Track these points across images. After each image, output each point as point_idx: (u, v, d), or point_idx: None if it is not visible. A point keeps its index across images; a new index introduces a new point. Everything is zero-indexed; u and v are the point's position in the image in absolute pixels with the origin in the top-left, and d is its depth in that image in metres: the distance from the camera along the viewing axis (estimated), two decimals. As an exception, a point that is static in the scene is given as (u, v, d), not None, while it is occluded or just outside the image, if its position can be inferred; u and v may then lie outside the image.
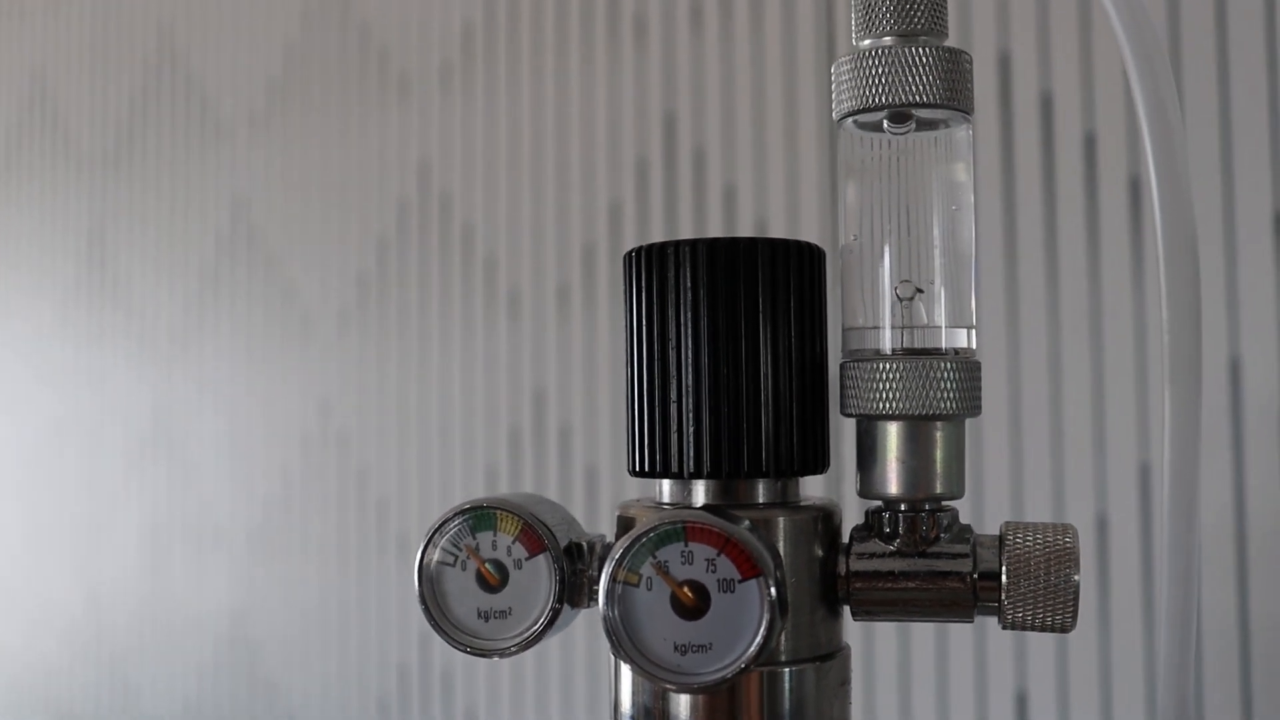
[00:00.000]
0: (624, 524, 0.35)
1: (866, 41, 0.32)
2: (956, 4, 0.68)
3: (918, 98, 0.31)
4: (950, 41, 0.68)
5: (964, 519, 0.67)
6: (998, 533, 0.33)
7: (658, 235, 0.78)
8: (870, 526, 0.34)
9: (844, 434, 0.36)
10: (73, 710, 1.10)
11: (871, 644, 0.68)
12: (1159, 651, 0.31)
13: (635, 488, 0.41)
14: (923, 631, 0.67)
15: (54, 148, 1.16)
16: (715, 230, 0.75)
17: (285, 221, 0.97)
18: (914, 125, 0.33)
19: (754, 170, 0.74)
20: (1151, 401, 0.62)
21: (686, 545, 0.30)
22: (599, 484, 0.79)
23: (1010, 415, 0.65)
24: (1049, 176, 0.65)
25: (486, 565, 0.34)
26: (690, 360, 0.32)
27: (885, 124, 0.33)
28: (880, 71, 0.31)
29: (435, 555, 0.34)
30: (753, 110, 0.75)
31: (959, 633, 0.66)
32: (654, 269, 0.33)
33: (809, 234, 0.73)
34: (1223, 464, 0.61)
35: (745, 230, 0.74)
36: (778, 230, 0.73)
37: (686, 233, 0.77)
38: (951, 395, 0.32)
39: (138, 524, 1.06)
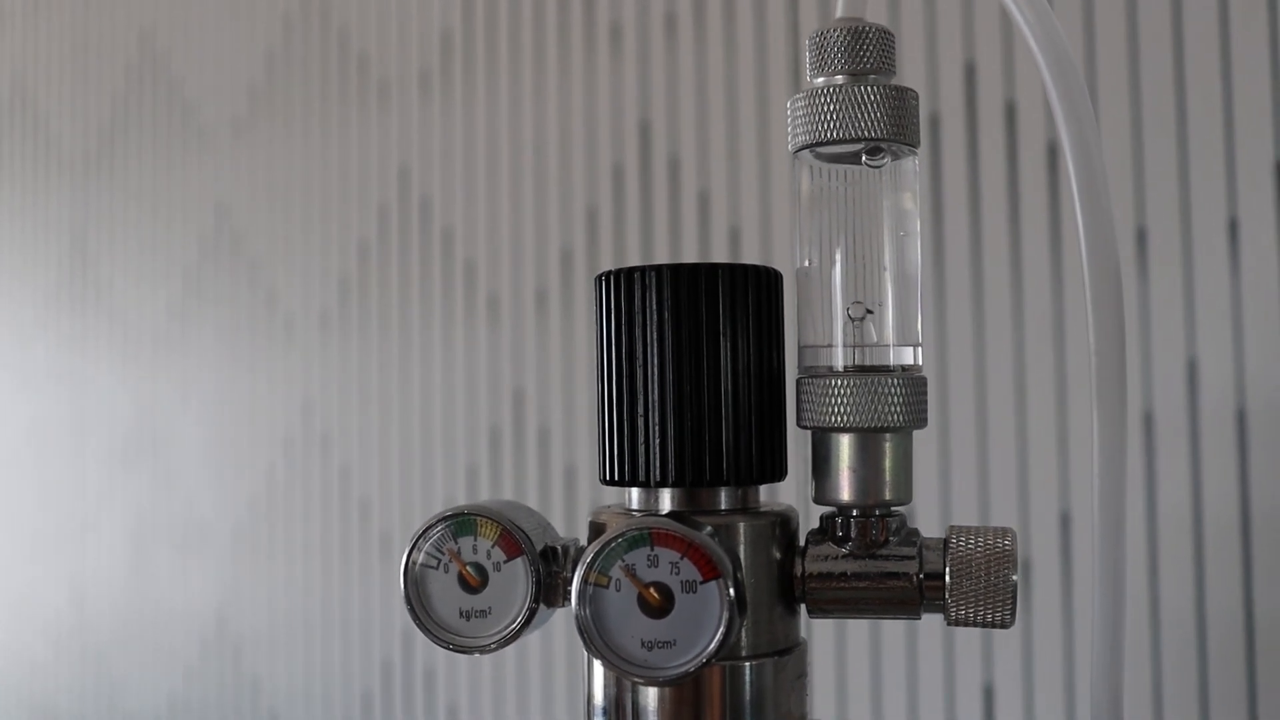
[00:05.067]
0: (595, 529, 0.37)
1: (820, 79, 0.35)
2: (923, 15, 0.70)
3: (867, 132, 0.33)
4: (917, 51, 0.70)
5: (933, 518, 0.69)
6: (943, 536, 0.35)
7: (634, 240, 0.79)
8: (824, 530, 0.37)
9: (803, 444, 0.38)
10: (56, 707, 1.11)
11: (843, 640, 0.70)
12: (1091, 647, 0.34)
13: (611, 488, 0.43)
14: (893, 626, 0.69)
15: (35, 151, 1.17)
16: (690, 236, 0.77)
17: (267, 225, 0.98)
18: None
19: (727, 177, 0.76)
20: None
21: (652, 550, 0.33)
22: (577, 484, 0.81)
23: (976, 419, 0.67)
24: (1013, 184, 0.67)
25: (467, 568, 0.36)
26: (656, 377, 0.35)
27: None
28: (832, 108, 0.33)
29: (419, 559, 0.36)
30: (726, 118, 0.77)
31: (928, 629, 0.68)
32: (623, 291, 0.35)
33: (780, 239, 0.74)
34: (1180, 464, 0.62)
35: (719, 236, 0.76)
36: (751, 236, 0.75)
37: (662, 238, 0.78)
38: (899, 409, 0.34)
39: (122, 524, 1.07)
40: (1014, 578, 0.33)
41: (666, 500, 0.36)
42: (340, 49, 0.94)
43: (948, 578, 0.34)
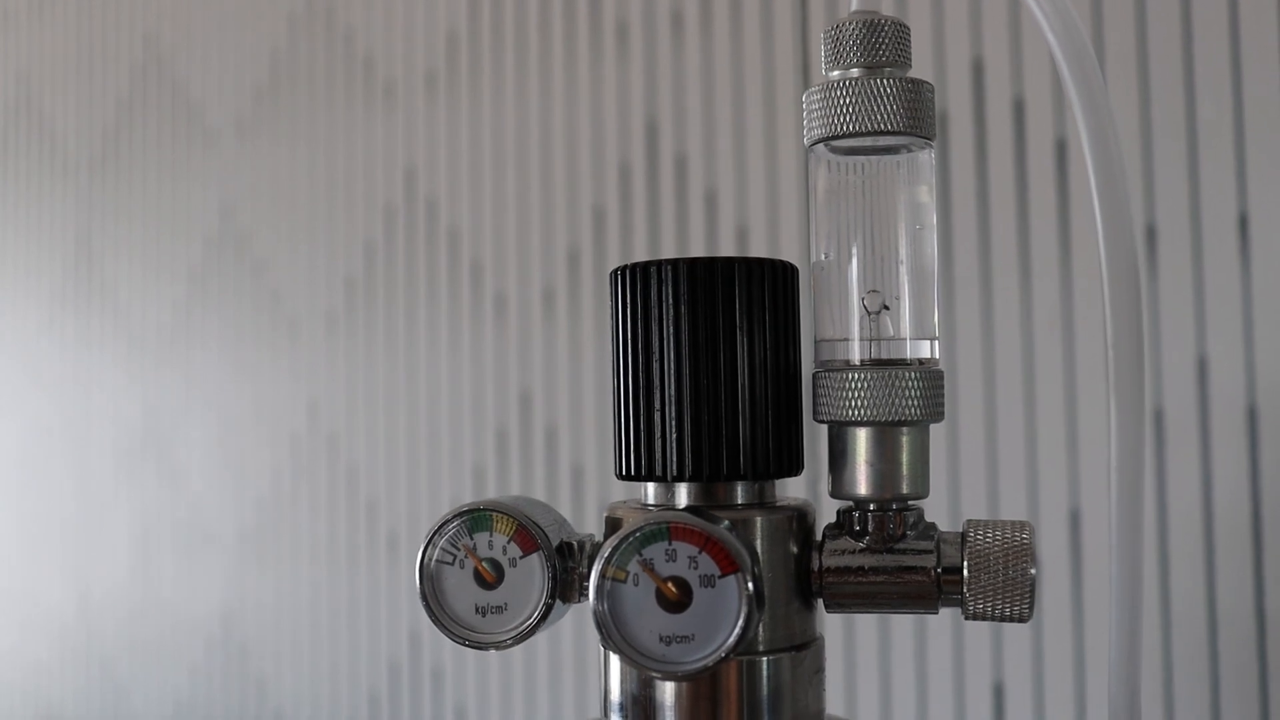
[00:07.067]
0: (612, 524, 0.37)
1: (835, 73, 0.35)
2: (931, 12, 0.70)
3: (883, 125, 0.33)
4: (925, 47, 0.70)
5: (942, 515, 0.69)
6: (961, 530, 0.35)
7: (641, 239, 0.79)
8: (841, 525, 0.37)
9: (820, 438, 0.38)
10: (63, 712, 1.11)
11: (853, 637, 0.70)
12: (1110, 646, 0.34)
13: (620, 487, 0.43)
14: (902, 624, 0.69)
15: (40, 153, 1.17)
16: (697, 235, 0.77)
17: (273, 225, 0.98)
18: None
19: (735, 176, 0.76)
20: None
21: (670, 544, 0.33)
22: (585, 483, 0.81)
23: (986, 415, 0.67)
24: (1021, 180, 0.67)
25: (483, 564, 0.36)
26: (673, 371, 0.35)
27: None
28: (848, 101, 0.33)
29: (435, 555, 0.36)
30: (733, 117, 0.77)
31: (937, 626, 0.68)
32: (638, 286, 0.35)
33: (788, 238, 0.74)
34: (1190, 461, 0.62)
35: (726, 234, 0.76)
36: (758, 234, 0.75)
37: (669, 237, 0.78)
38: (915, 403, 0.34)
39: (128, 525, 1.07)
40: (1032, 571, 0.33)
41: (683, 495, 0.36)
42: (346, 49, 0.94)
43: (966, 572, 0.34)
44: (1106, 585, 0.63)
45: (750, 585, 0.32)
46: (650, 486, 0.37)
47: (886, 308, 0.35)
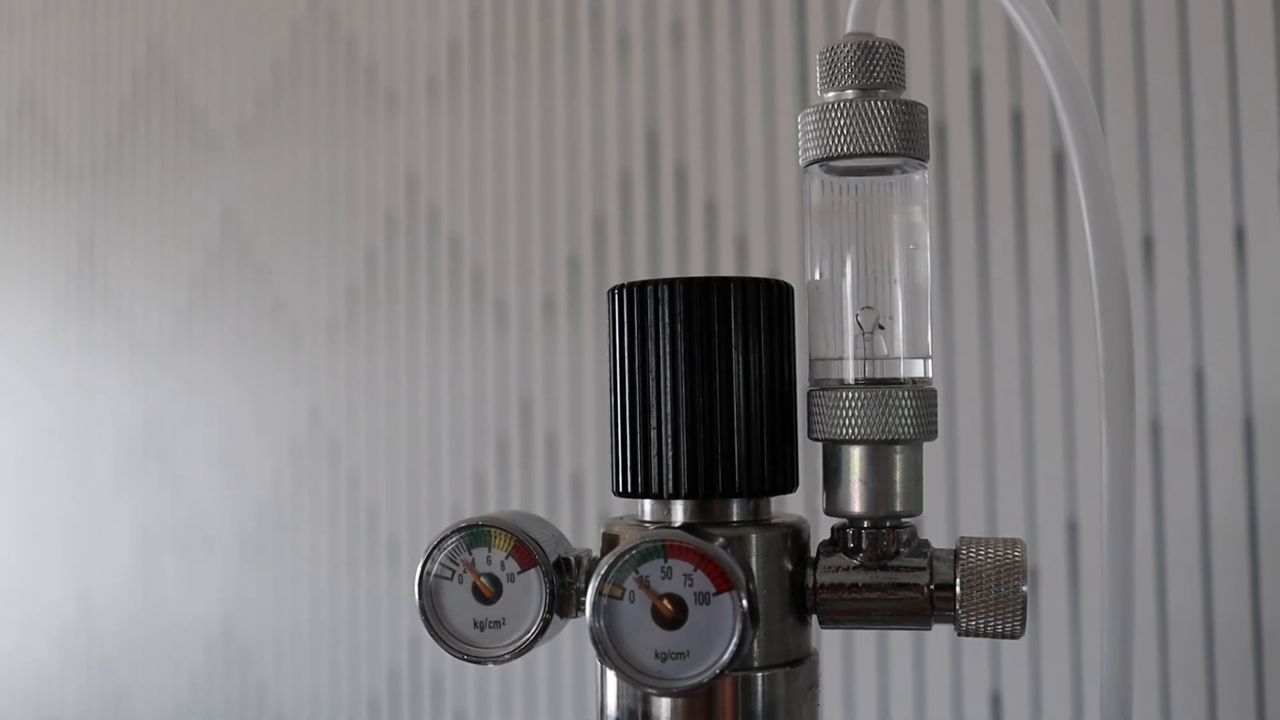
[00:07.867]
0: (609, 541, 0.37)
1: (830, 94, 0.35)
2: (929, 24, 0.70)
3: (877, 147, 0.34)
4: (923, 59, 0.70)
5: (940, 526, 0.69)
6: (954, 547, 0.36)
7: (641, 249, 0.80)
8: (836, 542, 0.37)
9: (811, 456, 0.38)
10: (63, 714, 1.12)
11: (851, 647, 0.70)
12: (1101, 657, 0.34)
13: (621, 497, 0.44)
14: (900, 635, 0.69)
15: (44, 157, 1.17)
16: (697, 245, 0.78)
17: (275, 232, 0.98)
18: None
19: (735, 186, 0.77)
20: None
21: (666, 561, 0.33)
22: (585, 491, 0.81)
23: (984, 427, 0.67)
24: (1020, 192, 0.67)
25: (482, 579, 0.36)
26: (669, 389, 0.35)
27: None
28: (843, 122, 0.34)
29: (434, 569, 0.37)
30: (733, 128, 0.77)
31: (935, 637, 0.68)
32: (635, 305, 0.36)
33: (788, 248, 0.75)
34: (1187, 472, 0.62)
35: (726, 245, 0.77)
36: (758, 245, 0.75)
37: (669, 247, 0.79)
38: (909, 421, 0.34)
39: (129, 530, 1.07)
40: (1024, 589, 0.34)
41: (679, 512, 0.36)
42: (348, 57, 0.95)
43: (958, 589, 0.34)
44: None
45: (745, 602, 0.32)
46: (647, 503, 0.37)
47: (882, 327, 0.35)
